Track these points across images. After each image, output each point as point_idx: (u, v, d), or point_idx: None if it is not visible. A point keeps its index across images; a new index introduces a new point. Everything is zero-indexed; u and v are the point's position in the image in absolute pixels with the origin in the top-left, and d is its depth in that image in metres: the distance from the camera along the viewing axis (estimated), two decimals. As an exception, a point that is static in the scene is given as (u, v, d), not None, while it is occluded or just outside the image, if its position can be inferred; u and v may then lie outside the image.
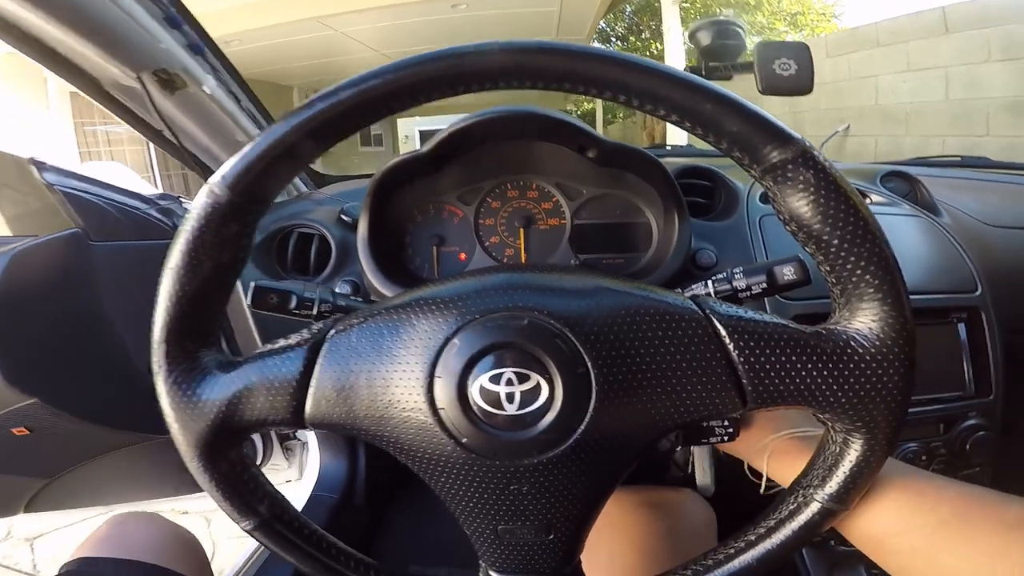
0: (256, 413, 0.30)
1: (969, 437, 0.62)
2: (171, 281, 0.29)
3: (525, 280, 0.31)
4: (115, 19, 0.54)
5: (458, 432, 0.29)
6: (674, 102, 0.27)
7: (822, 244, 0.28)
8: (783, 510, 0.32)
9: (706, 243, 0.60)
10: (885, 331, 0.28)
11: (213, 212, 0.28)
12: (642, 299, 0.30)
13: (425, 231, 0.64)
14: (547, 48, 0.27)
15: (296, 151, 0.28)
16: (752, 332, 0.29)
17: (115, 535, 0.55)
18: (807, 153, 0.27)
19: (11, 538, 1.64)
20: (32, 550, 1.60)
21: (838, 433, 0.31)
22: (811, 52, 0.62)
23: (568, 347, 0.28)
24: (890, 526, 0.32)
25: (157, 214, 0.81)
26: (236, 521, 0.33)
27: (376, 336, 0.30)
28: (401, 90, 0.27)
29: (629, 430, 0.30)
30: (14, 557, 1.58)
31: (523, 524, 0.30)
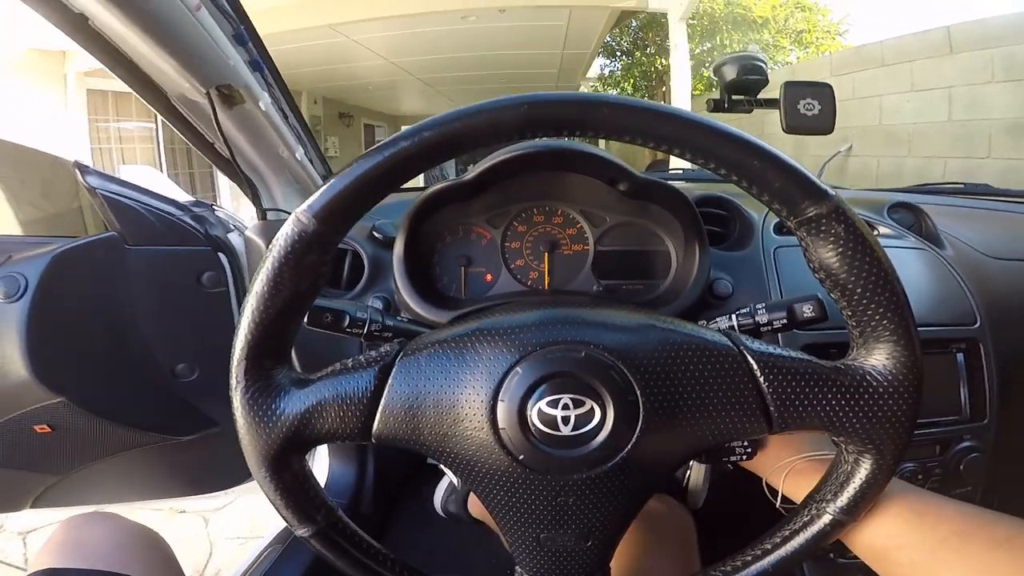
0: (327, 427, 0.33)
1: (963, 458, 0.65)
2: (254, 304, 0.32)
3: (580, 316, 0.35)
4: (197, 37, 0.57)
5: (516, 450, 0.32)
6: (725, 158, 0.31)
7: (847, 291, 0.32)
8: (797, 521, 0.36)
9: (722, 273, 0.63)
10: (898, 368, 0.32)
11: (299, 240, 0.31)
12: (684, 335, 0.34)
13: (454, 251, 0.67)
14: (612, 103, 0.30)
15: (378, 185, 0.31)
16: (780, 367, 0.33)
17: (73, 540, 0.53)
18: (840, 208, 0.31)
19: (4, 531, 1.65)
20: (24, 544, 1.61)
21: (850, 454, 0.34)
22: (835, 93, 0.65)
23: (620, 377, 0.32)
24: (893, 540, 0.35)
25: (191, 221, 0.84)
26: (294, 528, 0.35)
27: (443, 362, 0.33)
28: (479, 131, 0.31)
29: (668, 450, 0.33)
30: (6, 551, 1.58)
31: (564, 532, 0.34)
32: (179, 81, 0.60)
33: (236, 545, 1.60)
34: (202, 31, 0.57)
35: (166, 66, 0.57)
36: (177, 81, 0.60)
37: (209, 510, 1.73)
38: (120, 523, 0.57)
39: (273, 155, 0.75)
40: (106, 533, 0.55)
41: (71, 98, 4.28)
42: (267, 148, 0.74)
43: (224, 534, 1.65)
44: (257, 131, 0.71)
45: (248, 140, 0.71)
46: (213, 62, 0.60)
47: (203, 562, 1.55)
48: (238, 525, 1.68)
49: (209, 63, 0.60)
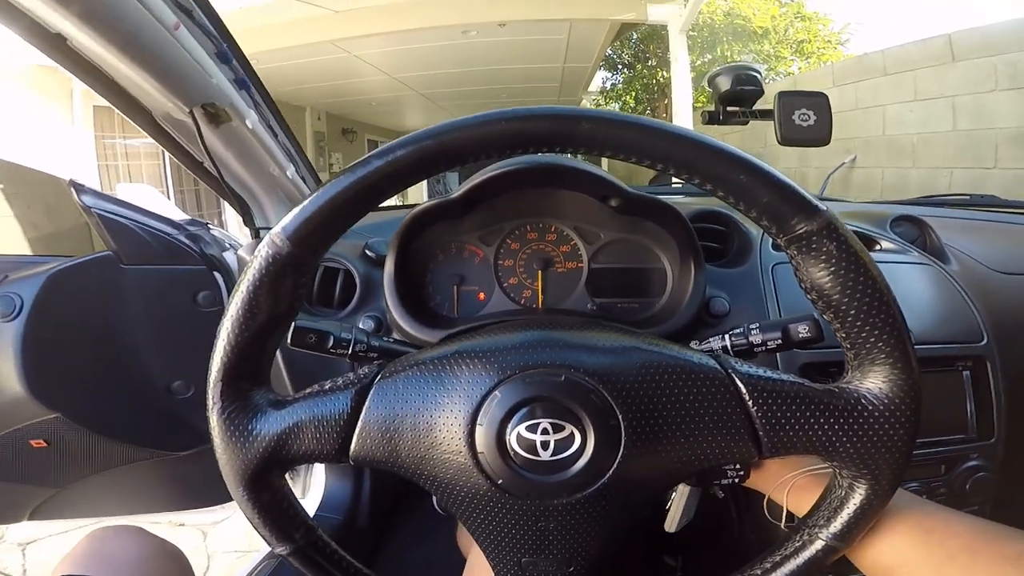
0: (303, 448, 0.32)
1: (969, 477, 0.63)
2: (230, 327, 0.31)
3: (561, 338, 0.34)
4: (177, 57, 0.56)
5: (495, 474, 0.31)
6: (711, 172, 0.30)
7: (840, 312, 0.31)
8: (789, 546, 0.35)
9: (719, 291, 0.62)
10: (894, 391, 0.31)
11: (273, 263, 0.30)
12: (669, 358, 0.33)
13: (446, 270, 0.66)
14: (592, 117, 0.29)
15: (353, 205, 0.31)
16: (770, 390, 0.32)
17: (96, 550, 0.54)
18: (832, 225, 0.29)
19: (3, 542, 1.65)
20: (23, 555, 1.61)
21: (844, 479, 0.33)
22: (830, 103, 0.64)
23: (601, 401, 0.31)
24: (899, 556, 0.34)
25: (186, 240, 0.84)
26: (272, 546, 0.35)
27: (421, 384, 0.33)
28: (453, 149, 0.30)
29: (652, 475, 0.32)
30: (5, 561, 1.58)
31: (546, 557, 0.33)
32: (161, 100, 0.59)
33: (233, 559, 1.60)
34: (182, 51, 0.56)
35: (147, 85, 0.57)
36: (160, 100, 0.60)
37: (207, 524, 1.73)
38: (144, 537, 0.58)
39: (264, 173, 0.75)
40: (130, 546, 0.56)
41: (77, 115, 4.33)
42: (257, 166, 0.74)
43: (222, 548, 1.65)
44: (245, 149, 0.71)
45: (236, 158, 0.71)
46: (195, 81, 0.60)
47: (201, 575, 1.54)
48: (235, 539, 1.68)
49: (191, 82, 0.59)
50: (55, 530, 1.63)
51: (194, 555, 1.60)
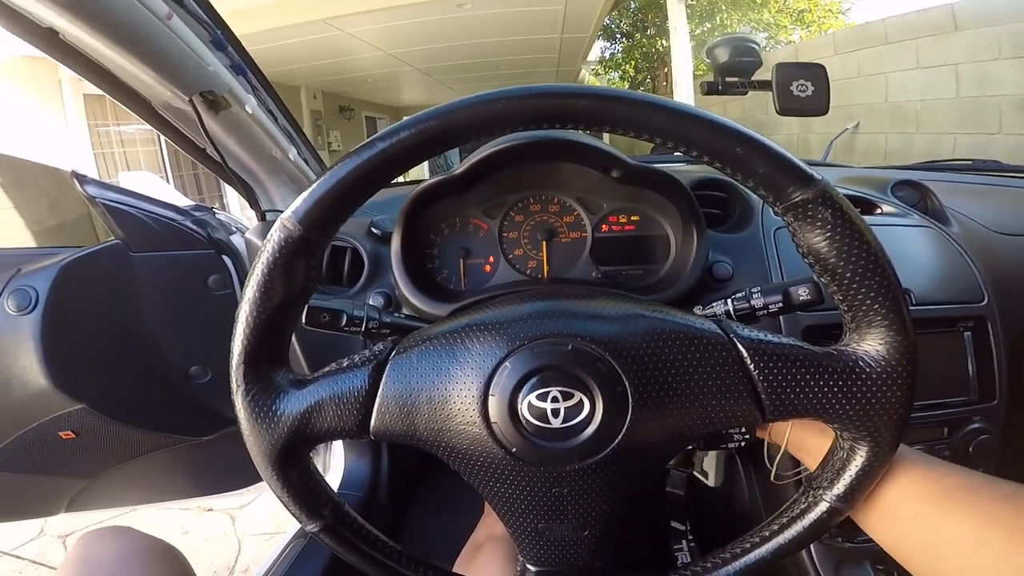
0: (326, 425, 0.34)
1: (972, 440, 0.64)
2: (248, 310, 0.32)
3: (568, 307, 0.35)
4: (172, 46, 0.56)
5: (508, 443, 0.32)
6: (707, 145, 0.30)
7: (836, 276, 0.32)
8: (795, 508, 0.36)
9: (722, 255, 0.63)
10: (891, 353, 0.32)
11: (286, 246, 0.31)
12: (672, 324, 0.34)
13: (452, 244, 0.67)
14: (591, 94, 0.30)
15: (360, 187, 0.32)
16: (771, 353, 0.33)
17: (85, 556, 0.54)
18: (827, 193, 0.30)
19: (44, 536, 1.69)
20: (64, 547, 1.65)
21: (845, 441, 0.34)
22: (828, 73, 0.64)
23: (608, 368, 0.32)
24: (899, 492, 0.35)
25: (192, 225, 0.85)
26: (303, 524, 0.36)
27: (435, 358, 0.34)
28: (455, 129, 0.31)
29: (659, 440, 0.33)
30: (47, 555, 1.62)
31: (561, 522, 0.34)
32: (160, 90, 0.59)
33: (263, 541, 1.64)
34: (177, 40, 0.56)
35: (144, 76, 0.57)
36: (158, 90, 0.60)
37: (235, 508, 1.77)
38: (134, 537, 0.58)
39: (266, 157, 0.75)
40: (118, 548, 0.55)
41: (68, 104, 4.28)
42: (259, 150, 0.74)
43: (251, 531, 1.69)
44: (246, 134, 0.71)
45: (238, 143, 0.71)
46: (192, 70, 0.60)
47: (232, 559, 1.58)
48: (263, 521, 1.72)
49: (187, 71, 0.60)
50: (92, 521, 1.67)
51: (225, 539, 1.64)
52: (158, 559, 0.57)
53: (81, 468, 0.91)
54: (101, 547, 0.55)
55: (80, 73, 0.59)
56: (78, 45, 0.55)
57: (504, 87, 0.31)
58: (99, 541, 0.56)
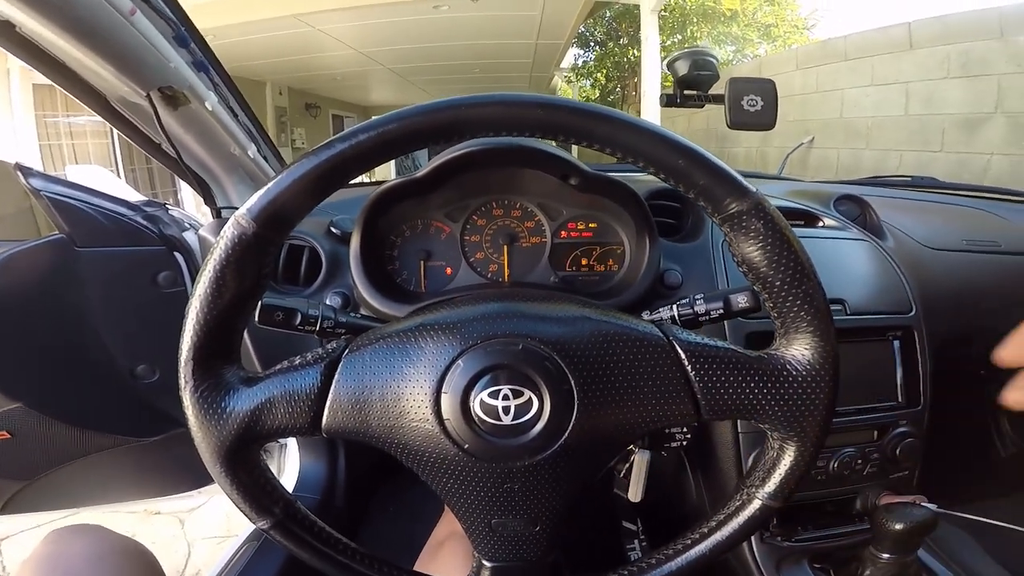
0: (277, 422, 0.34)
1: (899, 443, 0.67)
2: (198, 306, 0.32)
3: (518, 309, 0.36)
4: (133, 41, 0.55)
5: (461, 439, 0.33)
6: (651, 156, 0.32)
7: (767, 284, 0.34)
8: (730, 506, 0.38)
9: (673, 264, 0.65)
10: (815, 358, 0.34)
11: (239, 243, 0.31)
12: (617, 326, 0.35)
13: (413, 246, 0.67)
14: (544, 104, 0.31)
15: (318, 186, 0.32)
16: (706, 356, 0.35)
17: (53, 553, 0.53)
18: (760, 205, 0.32)
19: None
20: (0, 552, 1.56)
21: (775, 440, 0.37)
22: (777, 89, 0.67)
23: (555, 368, 0.33)
24: None
25: (143, 220, 0.82)
26: (253, 521, 0.36)
27: (388, 356, 0.34)
28: (414, 133, 0.31)
29: (605, 436, 0.35)
30: None
31: (514, 517, 0.35)
32: (117, 84, 0.58)
33: (214, 544, 1.58)
34: (138, 36, 0.55)
35: (101, 71, 0.55)
36: (115, 84, 0.58)
37: (184, 511, 1.70)
38: (103, 535, 0.57)
39: (224, 154, 0.74)
40: (88, 546, 0.54)
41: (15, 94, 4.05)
42: (217, 147, 0.73)
43: (201, 534, 1.62)
44: (205, 131, 0.70)
45: (196, 139, 0.70)
46: (152, 66, 0.59)
47: (182, 563, 1.53)
48: (214, 525, 1.65)
49: (148, 67, 0.59)
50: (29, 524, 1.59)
51: (173, 543, 1.58)
52: (129, 559, 0.56)
53: (17, 469, 0.87)
54: (70, 545, 0.54)
55: (33, 65, 0.57)
56: (34, 38, 0.54)
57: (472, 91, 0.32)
58: (68, 539, 0.55)
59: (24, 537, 1.58)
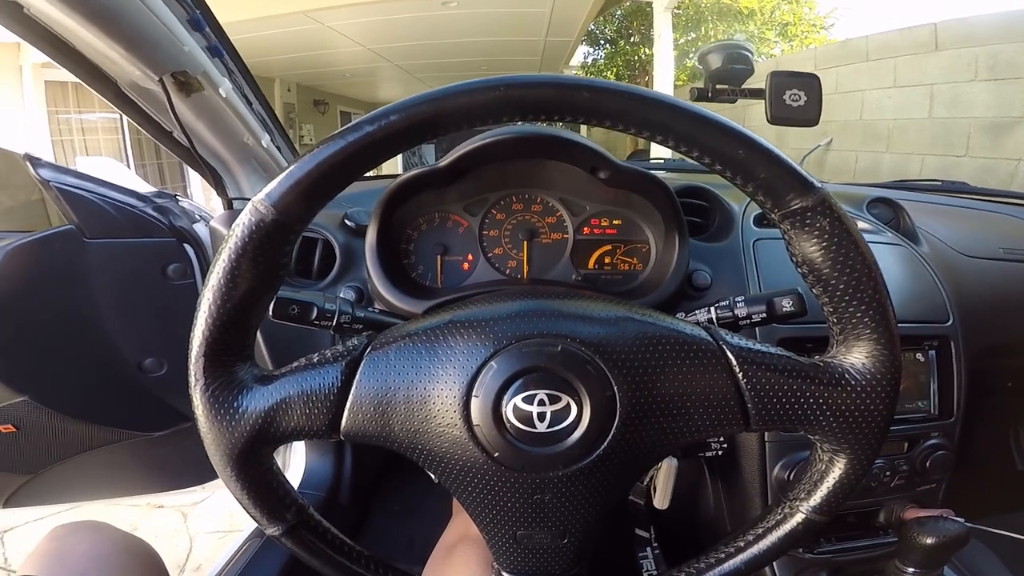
0: (292, 424, 0.31)
1: (930, 456, 0.65)
2: (211, 299, 0.30)
3: (556, 307, 0.33)
4: (145, 23, 0.53)
5: (491, 447, 0.31)
6: (709, 146, 0.29)
7: (829, 287, 0.31)
8: (770, 519, 0.35)
9: (701, 264, 0.62)
10: (876, 367, 0.31)
11: (257, 230, 0.29)
12: (663, 329, 0.33)
13: (429, 240, 0.65)
14: (593, 86, 0.29)
15: (341, 171, 0.29)
16: (759, 362, 0.32)
17: (56, 550, 0.52)
18: (826, 202, 0.30)
19: None
20: (3, 543, 1.57)
21: (825, 452, 0.34)
22: (821, 84, 0.64)
23: (597, 372, 0.31)
24: None
25: (153, 212, 0.81)
26: (264, 527, 0.34)
27: (414, 355, 0.32)
28: (448, 115, 0.29)
29: (645, 446, 0.32)
30: None
31: (541, 529, 0.33)
32: (129, 68, 0.56)
33: (216, 539, 1.59)
34: (152, 17, 0.53)
35: (113, 54, 0.53)
36: (127, 69, 0.56)
37: (187, 505, 1.72)
38: (107, 532, 0.56)
39: (237, 143, 0.72)
40: (92, 543, 0.54)
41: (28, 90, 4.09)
42: (230, 136, 0.71)
43: (203, 528, 1.63)
44: (218, 118, 0.68)
45: (209, 128, 0.68)
46: (165, 49, 0.57)
47: (184, 557, 1.53)
48: (217, 519, 1.66)
49: (161, 50, 0.56)
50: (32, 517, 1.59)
51: (175, 537, 1.59)
52: (132, 556, 0.55)
53: (21, 463, 0.85)
54: (74, 542, 0.53)
55: (41, 48, 0.55)
56: (43, 20, 0.52)
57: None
58: (72, 536, 0.54)
59: (27, 529, 1.59)
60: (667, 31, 4.84)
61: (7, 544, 1.57)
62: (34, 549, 0.53)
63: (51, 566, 0.50)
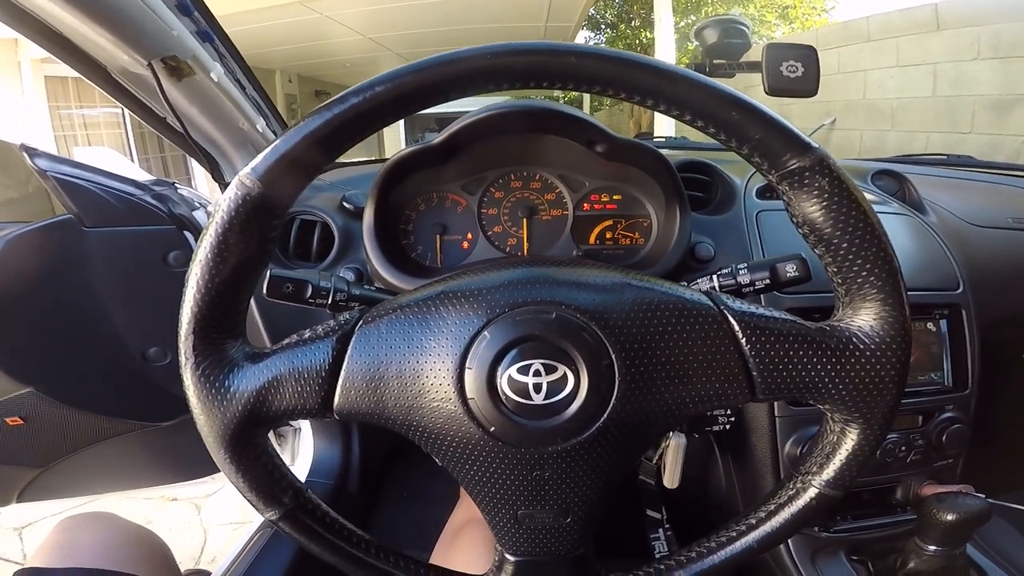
0: (284, 403, 0.31)
1: (945, 429, 0.63)
2: (199, 273, 0.29)
3: (551, 275, 0.32)
4: (130, 7, 0.53)
5: (486, 421, 0.30)
6: (701, 108, 0.28)
7: (832, 247, 0.30)
8: (782, 495, 0.34)
9: (704, 236, 0.62)
10: (885, 329, 0.30)
11: (243, 204, 0.28)
12: (661, 294, 0.31)
13: (428, 219, 0.64)
14: (581, 52, 0.28)
15: (327, 144, 0.29)
16: (763, 327, 0.31)
17: (63, 541, 0.53)
18: (824, 161, 0.29)
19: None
20: (21, 539, 1.59)
21: (836, 423, 0.33)
22: (818, 55, 0.63)
23: (594, 339, 0.30)
24: None
25: (152, 200, 0.80)
26: (260, 512, 0.33)
27: (406, 328, 0.31)
28: (437, 84, 0.28)
29: (648, 418, 0.31)
30: (3, 547, 1.56)
31: (543, 508, 0.32)
32: (117, 54, 0.56)
33: (230, 531, 1.60)
34: (138, 2, 0.53)
35: (99, 39, 0.53)
36: (115, 54, 0.56)
37: (200, 496, 1.72)
38: (115, 523, 0.56)
39: (232, 128, 0.71)
40: (100, 533, 0.54)
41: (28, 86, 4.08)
42: (225, 121, 0.70)
43: (217, 520, 1.64)
44: (211, 103, 0.67)
45: (203, 113, 0.68)
46: (153, 34, 0.56)
47: (198, 549, 1.54)
48: (230, 511, 1.67)
49: (148, 35, 0.56)
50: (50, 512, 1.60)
51: (190, 529, 1.60)
52: (139, 546, 0.55)
53: (31, 456, 0.86)
54: (82, 533, 0.54)
55: (27, 35, 0.54)
56: (26, 6, 0.51)
57: None
58: (80, 527, 0.54)
59: (45, 524, 1.61)
60: (667, 14, 4.77)
61: (25, 540, 1.60)
62: (43, 541, 0.53)
63: (59, 557, 0.50)
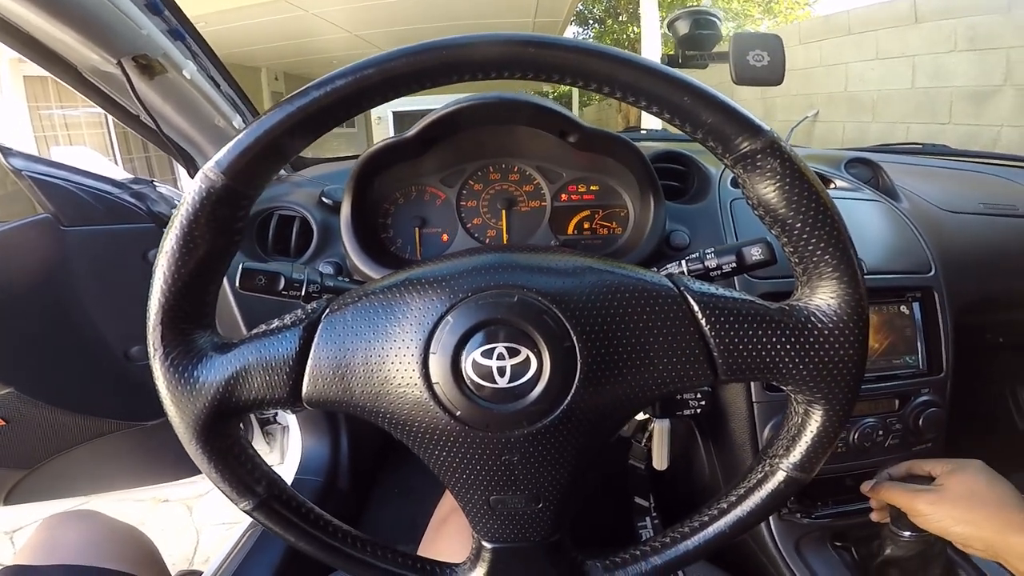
0: (253, 393, 0.31)
1: (922, 413, 0.64)
2: (166, 264, 0.29)
3: (513, 260, 0.33)
4: (96, 5, 0.52)
5: (452, 405, 0.30)
6: (654, 94, 0.29)
7: (786, 227, 0.31)
8: (751, 479, 0.35)
9: (680, 225, 0.62)
10: (842, 307, 0.31)
11: (208, 196, 0.29)
12: (622, 277, 0.32)
13: (407, 213, 0.65)
14: (538, 42, 0.28)
15: (290, 137, 0.29)
16: (722, 308, 0.31)
17: (47, 539, 0.52)
18: (775, 144, 0.29)
19: None
20: (12, 543, 1.57)
21: (800, 404, 0.33)
22: (783, 44, 0.64)
23: (555, 322, 0.30)
24: None
25: (130, 198, 0.80)
26: (235, 502, 0.33)
27: (371, 315, 0.31)
28: (398, 77, 0.28)
29: (611, 400, 0.31)
30: None
31: (514, 494, 0.32)
32: (85, 53, 0.55)
33: (222, 531, 1.59)
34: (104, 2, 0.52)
35: (67, 38, 0.53)
36: (84, 53, 0.56)
37: (192, 497, 1.71)
38: (99, 520, 0.56)
39: (208, 125, 0.71)
40: (83, 531, 0.54)
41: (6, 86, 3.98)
42: (200, 118, 0.70)
43: (209, 521, 1.63)
44: (185, 101, 0.67)
45: (177, 110, 0.68)
46: (121, 32, 0.56)
47: (191, 550, 1.53)
48: (222, 511, 1.66)
49: (116, 34, 0.55)
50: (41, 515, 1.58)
51: (183, 531, 1.59)
52: (124, 543, 0.55)
53: (16, 458, 0.85)
54: (66, 531, 0.53)
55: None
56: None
57: None
58: (64, 524, 0.54)
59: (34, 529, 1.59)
60: (653, 10, 4.79)
61: (16, 544, 1.58)
62: (26, 540, 0.53)
63: (43, 555, 0.50)
